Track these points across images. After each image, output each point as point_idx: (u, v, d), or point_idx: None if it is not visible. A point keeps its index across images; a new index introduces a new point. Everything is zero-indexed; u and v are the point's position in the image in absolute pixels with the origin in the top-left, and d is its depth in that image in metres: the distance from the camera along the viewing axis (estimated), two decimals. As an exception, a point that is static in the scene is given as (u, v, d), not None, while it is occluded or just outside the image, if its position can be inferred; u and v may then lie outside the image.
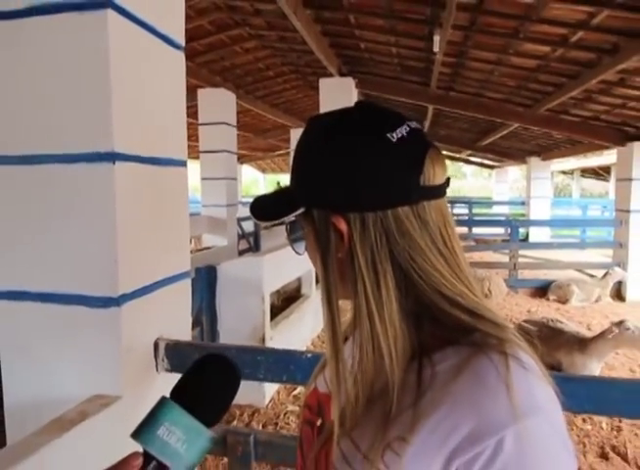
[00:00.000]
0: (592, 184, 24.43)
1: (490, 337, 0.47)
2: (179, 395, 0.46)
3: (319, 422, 0.58)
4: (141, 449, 0.44)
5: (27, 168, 1.40)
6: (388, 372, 0.48)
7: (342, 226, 0.50)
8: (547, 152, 10.58)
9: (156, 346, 1.55)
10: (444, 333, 0.49)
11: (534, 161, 11.16)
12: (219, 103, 6.15)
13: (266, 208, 0.60)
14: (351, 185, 0.49)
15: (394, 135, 0.49)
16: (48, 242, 1.41)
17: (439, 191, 0.51)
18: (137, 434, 0.44)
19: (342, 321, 0.62)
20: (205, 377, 0.49)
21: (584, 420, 3.03)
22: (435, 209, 0.50)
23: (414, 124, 0.52)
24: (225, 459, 1.51)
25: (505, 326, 0.49)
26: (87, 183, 1.36)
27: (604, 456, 2.66)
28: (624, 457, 2.63)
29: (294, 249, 0.61)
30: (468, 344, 0.47)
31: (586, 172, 18.17)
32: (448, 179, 0.53)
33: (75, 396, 1.37)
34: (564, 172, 19.54)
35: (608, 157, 12.17)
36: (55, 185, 1.39)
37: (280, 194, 0.59)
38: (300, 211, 0.54)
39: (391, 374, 0.47)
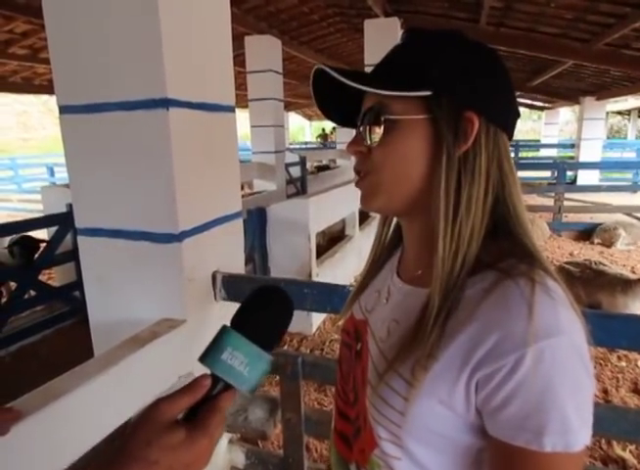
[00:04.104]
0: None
1: (522, 264, 0.46)
2: (239, 323, 0.48)
3: (359, 346, 0.60)
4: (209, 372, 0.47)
5: (92, 116, 1.45)
6: (452, 279, 0.47)
7: (475, 121, 0.48)
8: (603, 91, 9.58)
9: (213, 277, 1.63)
10: (491, 255, 0.48)
11: (588, 101, 10.16)
12: (265, 50, 5.97)
13: (378, 76, 0.52)
14: (493, 91, 0.50)
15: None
16: (115, 184, 1.49)
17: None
18: (204, 358, 0.46)
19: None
20: (262, 307, 0.50)
21: (619, 358, 2.96)
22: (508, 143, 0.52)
23: None
24: (277, 377, 1.62)
25: (541, 257, 0.48)
26: (145, 128, 1.40)
27: (637, 391, 2.61)
28: (658, 393, 2.58)
29: (368, 138, 0.51)
30: (499, 269, 0.46)
31: (645, 112, 16.42)
32: None
33: (147, 318, 1.49)
34: (619, 113, 17.76)
35: (671, 94, 10.87)
36: (117, 131, 1.44)
37: (392, 68, 0.52)
38: (425, 93, 0.48)
39: (452, 283, 0.47)
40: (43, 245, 3.33)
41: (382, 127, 0.50)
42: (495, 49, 0.51)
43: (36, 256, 3.26)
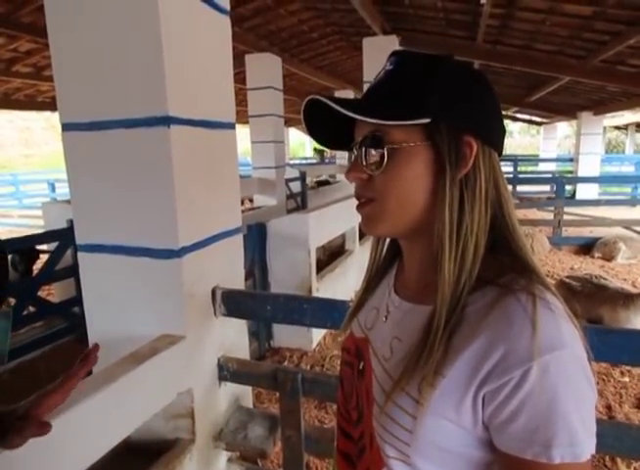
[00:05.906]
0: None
1: (521, 279, 0.47)
2: None
3: (361, 365, 0.60)
4: None
5: (94, 134, 1.47)
6: (456, 297, 0.47)
7: (474, 145, 0.49)
8: (600, 106, 9.69)
9: (213, 293, 1.63)
10: (491, 271, 0.49)
11: (586, 116, 10.28)
12: (266, 67, 6.06)
13: (374, 104, 0.51)
14: (486, 113, 0.52)
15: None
16: (115, 200, 1.50)
17: None
18: None
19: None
20: None
21: (622, 373, 2.93)
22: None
23: None
24: (277, 394, 1.60)
25: (539, 272, 0.49)
26: (147, 146, 1.42)
27: (640, 407, 2.58)
28: (662, 409, 2.54)
29: (369, 166, 0.52)
30: (499, 285, 0.47)
31: (642, 127, 16.54)
32: None
33: (147, 334, 1.49)
34: (617, 127, 17.92)
35: (668, 109, 10.98)
36: (119, 148, 1.46)
37: (393, 96, 0.50)
38: (424, 120, 0.48)
39: (455, 301, 0.47)
40: (43, 255, 3.34)
41: (383, 155, 0.50)
42: (482, 70, 0.53)
43: (36, 265, 3.27)
